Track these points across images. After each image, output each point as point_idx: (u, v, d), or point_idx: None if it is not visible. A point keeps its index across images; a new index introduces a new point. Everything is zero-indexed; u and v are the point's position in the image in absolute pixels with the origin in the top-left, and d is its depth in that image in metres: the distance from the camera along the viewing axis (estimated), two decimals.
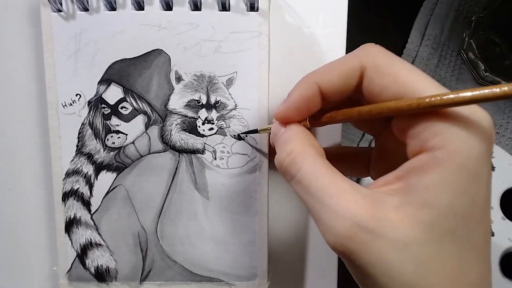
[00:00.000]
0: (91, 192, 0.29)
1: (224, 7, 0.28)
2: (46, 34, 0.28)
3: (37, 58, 0.29)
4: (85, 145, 0.29)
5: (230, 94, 0.28)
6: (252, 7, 0.27)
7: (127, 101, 0.29)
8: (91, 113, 0.29)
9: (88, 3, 0.28)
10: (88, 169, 0.29)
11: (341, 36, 0.30)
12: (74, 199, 0.29)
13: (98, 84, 0.28)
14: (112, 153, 0.29)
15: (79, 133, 0.29)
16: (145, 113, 0.29)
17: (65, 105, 0.28)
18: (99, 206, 0.29)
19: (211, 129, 0.29)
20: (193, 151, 0.29)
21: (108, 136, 0.29)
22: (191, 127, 0.29)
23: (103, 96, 0.28)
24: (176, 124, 0.29)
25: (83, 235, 0.29)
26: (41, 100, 0.30)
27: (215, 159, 0.29)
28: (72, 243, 0.29)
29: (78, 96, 0.28)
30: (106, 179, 0.29)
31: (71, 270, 0.29)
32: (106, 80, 0.28)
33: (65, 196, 0.29)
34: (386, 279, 0.17)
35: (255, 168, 0.29)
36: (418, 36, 0.39)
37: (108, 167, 0.29)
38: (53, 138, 0.29)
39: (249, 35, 0.28)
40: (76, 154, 0.29)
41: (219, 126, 0.29)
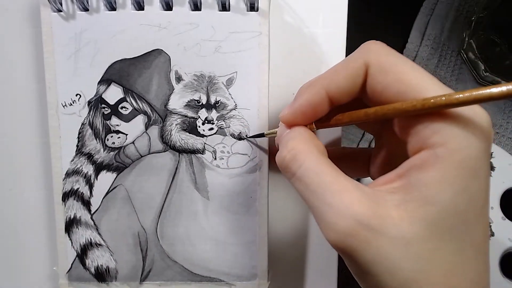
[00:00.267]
0: (91, 192, 0.29)
1: (224, 7, 0.28)
2: (46, 34, 0.28)
3: (37, 58, 0.29)
4: (85, 145, 0.29)
5: (230, 94, 0.28)
6: (252, 7, 0.27)
7: (127, 101, 0.29)
8: (91, 113, 0.29)
9: (88, 3, 0.28)
10: (88, 169, 0.29)
11: (341, 36, 0.30)
12: (74, 199, 0.29)
13: (98, 84, 0.28)
14: (112, 153, 0.29)
15: (79, 133, 0.29)
16: (145, 113, 0.29)
17: (65, 105, 0.28)
18: (99, 206, 0.29)
19: (211, 129, 0.29)
20: (193, 151, 0.29)
21: (108, 136, 0.29)
22: (191, 127, 0.29)
23: (103, 96, 0.28)
24: (176, 124, 0.29)
25: (83, 235, 0.29)
26: (41, 100, 0.30)
27: (215, 159, 0.29)
28: (72, 243, 0.29)
29: (78, 96, 0.28)
30: (106, 179, 0.29)
31: (71, 270, 0.29)
32: (106, 80, 0.28)
33: (65, 196, 0.29)
34: (387, 276, 0.17)
35: (255, 168, 0.29)
36: (418, 36, 0.39)
37: (108, 167, 0.29)
38: (53, 138, 0.29)
39: (249, 35, 0.28)
40: (76, 154, 0.29)
41: (219, 126, 0.29)
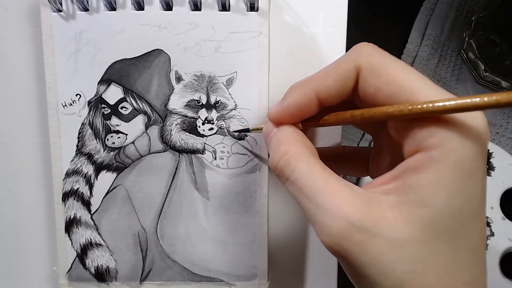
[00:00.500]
0: (91, 192, 0.29)
1: (224, 7, 0.28)
2: (46, 34, 0.28)
3: (37, 58, 0.29)
4: (85, 145, 0.29)
5: (230, 94, 0.28)
6: (252, 7, 0.27)
7: (127, 101, 0.29)
8: (91, 113, 0.29)
9: (88, 3, 0.28)
10: (88, 169, 0.29)
11: (341, 36, 0.30)
12: (74, 199, 0.29)
13: (98, 84, 0.28)
14: (112, 153, 0.29)
15: (79, 133, 0.29)
16: (145, 113, 0.29)
17: (65, 105, 0.28)
18: (99, 206, 0.29)
19: (211, 129, 0.29)
20: (193, 151, 0.29)
21: (108, 136, 0.29)
22: (191, 127, 0.29)
23: (103, 96, 0.28)
24: (176, 124, 0.29)
25: (83, 235, 0.29)
26: (41, 100, 0.30)
27: (215, 159, 0.29)
28: (72, 243, 0.29)
29: (78, 96, 0.28)
30: (106, 179, 0.29)
31: (71, 270, 0.29)
32: (106, 80, 0.28)
33: (65, 196, 0.29)
34: (381, 278, 0.17)
35: (255, 168, 0.29)
36: (418, 36, 0.39)
37: (108, 167, 0.29)
38: (53, 138, 0.29)
39: (249, 35, 0.28)
40: (76, 154, 0.29)
41: (219, 126, 0.29)
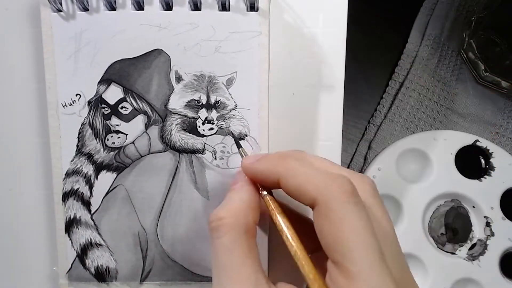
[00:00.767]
0: (91, 192, 0.29)
1: (224, 7, 0.28)
2: (46, 34, 0.28)
3: (37, 58, 0.29)
4: (85, 145, 0.29)
5: (230, 94, 0.28)
6: (252, 7, 0.27)
7: (127, 101, 0.29)
8: (91, 113, 0.29)
9: (88, 3, 0.28)
10: (88, 169, 0.29)
11: (341, 36, 0.30)
12: (74, 199, 0.29)
13: (98, 84, 0.28)
14: (112, 153, 0.29)
15: (79, 133, 0.29)
16: (145, 113, 0.29)
17: (65, 105, 0.28)
18: (99, 206, 0.29)
19: (211, 129, 0.29)
20: (193, 151, 0.29)
21: (108, 136, 0.29)
22: (191, 127, 0.29)
23: (103, 96, 0.28)
24: (176, 124, 0.29)
25: (83, 235, 0.29)
26: (41, 100, 0.30)
27: (215, 159, 0.29)
28: (72, 243, 0.29)
29: (78, 96, 0.28)
30: (106, 179, 0.29)
31: (71, 270, 0.29)
32: (106, 80, 0.28)
33: (65, 196, 0.29)
34: None
35: None
36: (418, 36, 0.39)
37: (108, 167, 0.29)
38: (53, 138, 0.29)
39: (249, 35, 0.28)
40: (76, 154, 0.29)
41: (219, 126, 0.29)
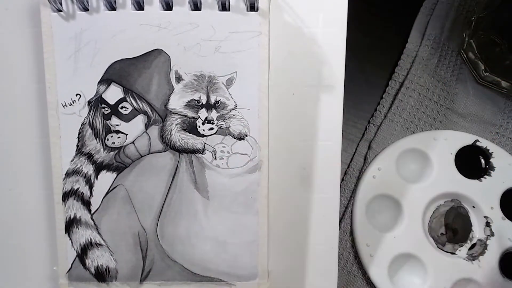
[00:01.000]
0: (91, 192, 0.29)
1: (224, 7, 0.28)
2: (46, 34, 0.28)
3: (37, 58, 0.29)
4: (85, 145, 0.29)
5: (230, 94, 0.28)
6: (252, 7, 0.27)
7: (127, 101, 0.29)
8: (91, 113, 0.29)
9: (88, 3, 0.28)
10: (88, 169, 0.29)
11: (341, 36, 0.30)
12: (74, 199, 0.29)
13: (98, 84, 0.28)
14: (112, 153, 0.29)
15: (79, 133, 0.29)
16: (145, 113, 0.29)
17: (65, 105, 0.28)
18: (99, 206, 0.29)
19: (211, 129, 0.29)
20: (193, 151, 0.29)
21: (108, 136, 0.29)
22: (191, 127, 0.29)
23: (103, 96, 0.29)
24: (176, 124, 0.29)
25: (83, 235, 0.29)
26: (41, 100, 0.30)
27: (215, 159, 0.29)
28: (72, 243, 0.29)
29: (78, 96, 0.28)
30: (106, 179, 0.29)
31: (71, 270, 0.29)
32: (106, 80, 0.28)
33: (65, 196, 0.29)
34: None
35: (255, 168, 0.29)
36: (418, 36, 0.39)
37: (108, 167, 0.29)
38: (53, 138, 0.29)
39: (249, 35, 0.28)
40: (76, 154, 0.29)
41: (219, 126, 0.29)
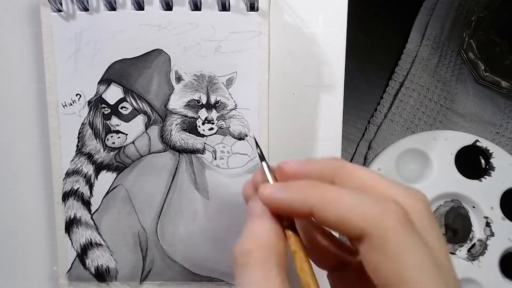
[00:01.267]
0: (91, 192, 0.29)
1: (224, 7, 0.28)
2: (46, 34, 0.28)
3: (37, 58, 0.29)
4: (85, 145, 0.29)
5: (230, 94, 0.28)
6: (252, 7, 0.27)
7: (127, 101, 0.29)
8: (91, 113, 0.29)
9: (88, 3, 0.28)
10: (88, 169, 0.29)
11: (341, 36, 0.30)
12: (74, 199, 0.29)
13: (98, 84, 0.28)
14: (112, 153, 0.29)
15: (79, 133, 0.29)
16: (145, 113, 0.29)
17: (65, 105, 0.28)
18: (99, 206, 0.29)
19: (211, 129, 0.29)
20: (193, 151, 0.29)
21: (108, 136, 0.29)
22: (191, 127, 0.29)
23: (103, 96, 0.28)
24: (176, 124, 0.29)
25: (83, 235, 0.29)
26: (41, 100, 0.30)
27: (215, 159, 0.29)
28: (72, 243, 0.29)
29: (78, 96, 0.28)
30: (106, 179, 0.29)
31: (71, 270, 0.29)
32: (106, 80, 0.28)
33: (65, 196, 0.29)
34: None
35: (255, 168, 0.29)
36: (418, 36, 0.39)
37: (108, 167, 0.29)
38: (53, 138, 0.29)
39: (249, 35, 0.28)
40: (76, 154, 0.29)
41: (219, 126, 0.29)
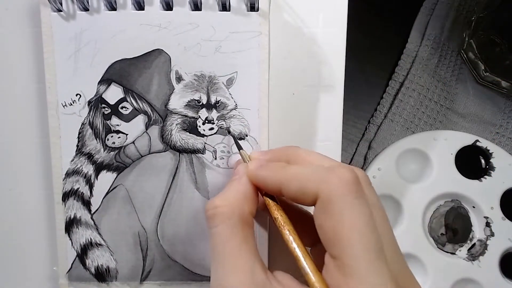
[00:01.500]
0: (91, 192, 0.29)
1: (224, 7, 0.28)
2: (46, 34, 0.28)
3: (37, 58, 0.29)
4: (85, 145, 0.29)
5: (231, 94, 0.28)
6: (252, 7, 0.27)
7: (127, 101, 0.29)
8: (91, 113, 0.29)
9: (88, 3, 0.28)
10: (88, 169, 0.29)
11: (341, 36, 0.30)
12: (74, 199, 0.29)
13: (98, 84, 0.28)
14: (112, 153, 0.29)
15: (79, 133, 0.29)
16: (146, 113, 0.29)
17: (65, 105, 0.28)
18: (99, 206, 0.29)
19: (212, 129, 0.29)
20: (194, 151, 0.29)
21: (108, 136, 0.29)
22: (192, 127, 0.29)
23: (103, 96, 0.28)
24: (177, 124, 0.29)
25: (83, 235, 0.29)
26: (41, 100, 0.30)
27: (216, 159, 0.29)
28: (72, 243, 0.29)
29: (78, 96, 0.28)
30: (106, 179, 0.29)
31: (71, 270, 0.29)
32: (106, 80, 0.28)
33: (65, 196, 0.29)
34: None
35: None
36: (418, 36, 0.39)
37: (108, 167, 0.29)
38: (53, 138, 0.29)
39: (249, 35, 0.28)
40: (76, 154, 0.29)
41: (220, 126, 0.29)
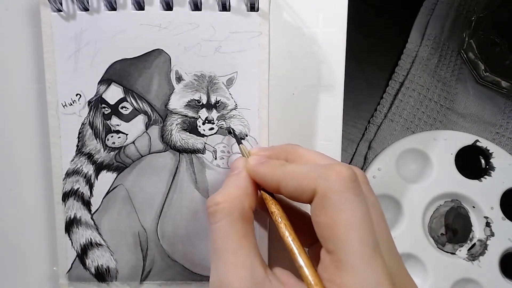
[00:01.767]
0: (91, 192, 0.29)
1: (225, 7, 0.28)
2: (46, 34, 0.28)
3: (37, 58, 0.29)
4: (85, 145, 0.29)
5: (231, 94, 0.28)
6: (252, 7, 0.27)
7: (128, 101, 0.29)
8: (91, 113, 0.29)
9: (88, 3, 0.28)
10: (88, 169, 0.29)
11: (341, 36, 0.30)
12: (74, 199, 0.29)
13: (98, 84, 0.28)
14: (112, 153, 0.29)
15: (79, 133, 0.29)
16: (146, 113, 0.29)
17: (65, 105, 0.28)
18: (99, 206, 0.29)
19: (212, 129, 0.29)
20: (194, 151, 0.29)
21: (108, 136, 0.29)
22: (192, 127, 0.29)
23: (103, 96, 0.28)
24: (177, 124, 0.29)
25: (83, 235, 0.29)
26: (41, 100, 0.30)
27: (216, 159, 0.29)
28: (72, 243, 0.29)
29: (78, 96, 0.28)
30: (107, 179, 0.29)
31: (71, 270, 0.29)
32: (106, 80, 0.28)
33: (65, 196, 0.29)
34: None
35: None
36: (418, 36, 0.39)
37: (109, 167, 0.29)
38: (53, 138, 0.29)
39: (249, 35, 0.28)
40: (76, 154, 0.29)
41: (220, 126, 0.29)
